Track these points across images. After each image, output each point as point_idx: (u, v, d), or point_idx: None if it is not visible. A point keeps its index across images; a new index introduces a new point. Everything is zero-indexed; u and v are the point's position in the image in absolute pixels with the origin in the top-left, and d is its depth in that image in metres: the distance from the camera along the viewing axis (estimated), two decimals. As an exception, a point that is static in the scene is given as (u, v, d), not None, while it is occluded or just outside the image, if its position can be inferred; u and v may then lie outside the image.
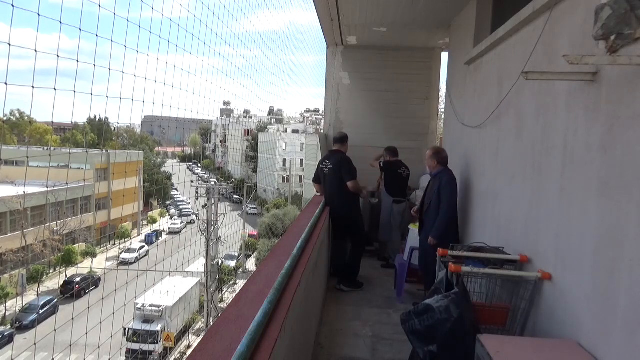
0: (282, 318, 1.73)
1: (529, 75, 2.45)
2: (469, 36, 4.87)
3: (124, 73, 5.77)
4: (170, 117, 51.37)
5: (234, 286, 25.88)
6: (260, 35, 22.02)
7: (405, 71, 7.23)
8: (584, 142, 2.27)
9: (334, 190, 5.13)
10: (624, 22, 1.80)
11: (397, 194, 5.96)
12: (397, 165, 6.04)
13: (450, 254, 3.16)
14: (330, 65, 7.47)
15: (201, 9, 6.88)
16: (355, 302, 4.71)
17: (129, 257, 30.37)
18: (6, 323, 21.92)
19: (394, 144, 6.39)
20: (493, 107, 3.77)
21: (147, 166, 43.84)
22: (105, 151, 38.23)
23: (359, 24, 6.17)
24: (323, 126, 8.42)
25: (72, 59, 4.69)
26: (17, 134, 51.21)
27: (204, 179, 37.94)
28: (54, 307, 22.58)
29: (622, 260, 1.88)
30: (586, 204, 2.21)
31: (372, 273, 5.73)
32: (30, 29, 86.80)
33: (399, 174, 5.99)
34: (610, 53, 1.89)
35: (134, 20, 5.26)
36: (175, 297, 20.35)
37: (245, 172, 58.67)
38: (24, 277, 24.88)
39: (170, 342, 19.52)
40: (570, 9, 2.54)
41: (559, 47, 2.60)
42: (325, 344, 3.68)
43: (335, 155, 5.21)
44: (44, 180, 22.52)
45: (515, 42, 3.45)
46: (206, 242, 18.19)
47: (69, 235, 29.81)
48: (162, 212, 45.90)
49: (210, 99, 21.51)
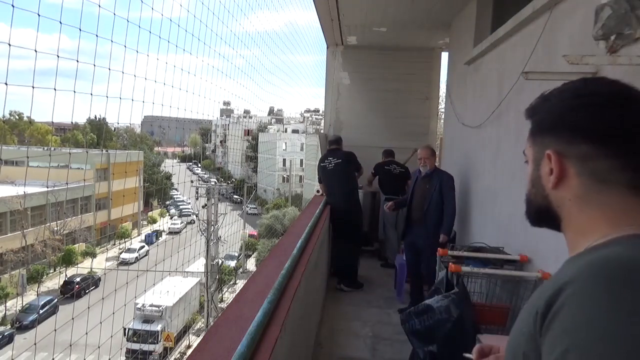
0: (282, 318, 1.73)
1: (529, 75, 2.45)
2: (469, 36, 4.87)
3: (124, 73, 5.78)
4: (170, 117, 51.43)
5: (234, 286, 25.88)
6: (260, 35, 22.01)
7: (405, 71, 7.23)
8: (584, 142, 2.27)
9: (338, 183, 5.18)
10: (624, 22, 1.80)
11: (388, 191, 5.98)
12: (386, 164, 6.10)
13: (451, 254, 3.16)
14: (330, 65, 7.47)
15: (201, 9, 6.88)
16: (355, 302, 4.71)
17: (129, 257, 30.34)
18: (6, 323, 21.91)
19: (394, 144, 6.41)
20: (493, 107, 3.77)
21: (147, 166, 43.85)
22: (105, 151, 38.22)
23: (359, 24, 6.17)
24: (323, 126, 8.42)
25: (72, 59, 4.70)
26: (17, 134, 51.21)
27: (204, 179, 37.93)
28: (54, 307, 22.55)
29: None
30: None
31: (372, 273, 5.72)
32: (31, 29, 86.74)
33: (388, 171, 6.05)
34: (610, 53, 1.89)
35: (134, 20, 5.26)
36: (175, 297, 20.33)
37: (245, 172, 58.66)
38: (24, 277, 24.88)
39: (170, 342, 19.52)
40: (570, 9, 2.54)
41: (559, 47, 2.60)
42: (325, 344, 3.68)
43: (338, 152, 5.31)
44: (44, 180, 22.49)
45: (515, 42, 3.45)
46: (206, 242, 18.19)
47: (69, 235, 29.80)
48: (162, 212, 45.89)
49: (210, 99, 21.52)
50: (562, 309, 0.59)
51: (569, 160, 0.74)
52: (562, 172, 0.75)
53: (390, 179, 6.04)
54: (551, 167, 0.76)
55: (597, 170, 0.71)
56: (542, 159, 0.78)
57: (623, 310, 0.55)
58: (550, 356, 0.58)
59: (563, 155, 0.74)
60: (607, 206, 0.71)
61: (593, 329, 0.55)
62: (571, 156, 0.73)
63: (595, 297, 0.57)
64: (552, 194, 0.77)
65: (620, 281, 0.58)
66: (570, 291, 0.60)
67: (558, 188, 0.76)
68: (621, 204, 0.70)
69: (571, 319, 0.58)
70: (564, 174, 0.75)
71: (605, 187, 0.71)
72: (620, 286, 0.57)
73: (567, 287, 0.60)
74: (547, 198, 0.78)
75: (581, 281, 0.60)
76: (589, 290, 0.59)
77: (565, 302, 0.59)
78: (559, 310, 0.60)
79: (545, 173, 0.77)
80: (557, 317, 0.59)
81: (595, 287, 0.58)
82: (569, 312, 0.58)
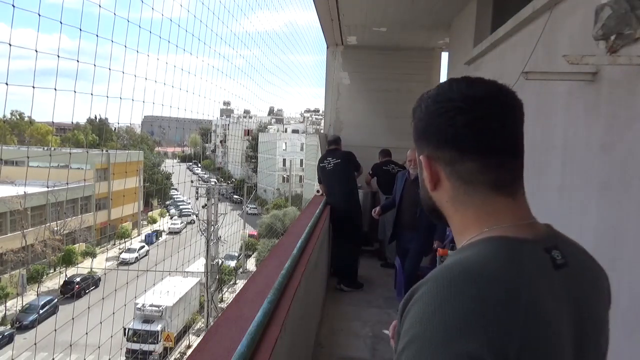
0: (282, 318, 1.73)
1: (529, 75, 2.45)
2: (469, 36, 4.87)
3: (124, 73, 5.78)
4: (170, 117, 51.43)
5: (234, 286, 25.88)
6: (260, 35, 22.00)
7: (405, 71, 7.23)
8: (584, 142, 2.27)
9: (338, 183, 5.18)
10: (624, 22, 1.80)
11: (388, 191, 5.98)
12: (384, 164, 6.11)
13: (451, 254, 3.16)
14: (330, 65, 7.47)
15: (201, 9, 6.89)
16: (355, 302, 4.70)
17: (129, 257, 30.33)
18: (6, 323, 21.92)
19: (394, 144, 6.40)
20: (493, 107, 3.77)
21: (147, 166, 43.83)
22: (105, 151, 38.22)
23: (359, 24, 6.17)
24: (323, 126, 8.42)
25: (72, 59, 4.70)
26: (17, 134, 51.21)
27: (204, 179, 37.92)
28: (54, 307, 22.56)
29: (622, 260, 1.88)
30: (586, 204, 2.21)
31: (372, 273, 5.72)
32: (31, 29, 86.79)
33: (387, 171, 6.06)
34: (610, 53, 1.89)
35: (134, 20, 5.27)
36: (175, 297, 20.34)
37: (245, 172, 58.66)
38: (24, 277, 24.87)
39: (170, 342, 19.52)
40: (570, 9, 2.54)
41: (559, 47, 2.60)
42: (325, 344, 3.68)
43: (337, 152, 5.32)
44: (44, 180, 22.49)
45: (515, 42, 3.45)
46: (206, 242, 18.19)
47: (69, 235, 29.80)
48: (162, 212, 45.88)
49: (210, 99, 21.52)
50: (414, 305, 0.65)
51: (439, 164, 0.77)
52: (434, 175, 0.78)
53: (389, 179, 6.03)
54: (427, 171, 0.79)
55: (462, 173, 0.74)
56: (422, 162, 0.80)
57: (447, 310, 0.60)
58: (400, 345, 0.63)
59: (433, 159, 0.77)
60: (474, 207, 0.75)
61: (426, 323, 0.61)
62: (440, 160, 0.76)
63: (434, 297, 0.63)
64: (434, 196, 0.81)
65: (456, 284, 0.63)
66: (423, 290, 0.65)
67: (437, 190, 0.79)
68: (486, 205, 0.74)
69: (415, 315, 0.63)
70: (437, 177, 0.78)
71: (471, 188, 0.74)
72: (453, 289, 0.62)
73: (422, 287, 0.66)
74: (432, 199, 0.82)
75: (431, 282, 0.65)
76: (433, 291, 0.64)
77: (417, 300, 0.65)
78: (412, 306, 0.65)
79: (425, 176, 0.80)
80: (409, 313, 0.65)
81: (437, 289, 0.64)
82: (416, 309, 0.64)
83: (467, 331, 0.58)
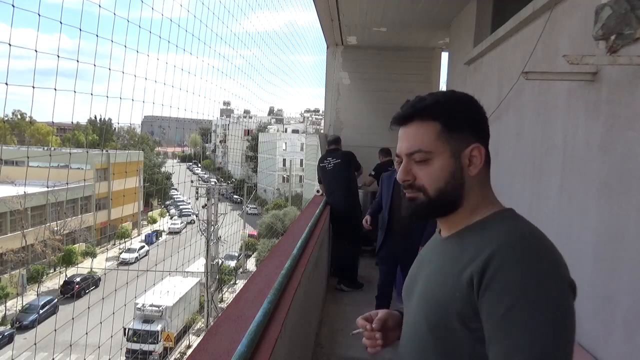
0: (282, 318, 1.73)
1: (529, 75, 2.45)
2: (469, 36, 4.87)
3: (124, 73, 5.78)
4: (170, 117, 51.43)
5: (234, 286, 25.88)
6: (260, 35, 21.99)
7: (405, 71, 7.22)
8: (584, 142, 2.27)
9: (338, 183, 5.18)
10: (624, 22, 1.80)
11: None
12: (387, 164, 6.09)
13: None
14: (330, 65, 7.47)
15: (201, 9, 6.89)
16: (355, 302, 4.71)
17: (129, 257, 30.34)
18: (6, 323, 21.92)
19: (394, 144, 6.37)
20: (493, 107, 3.77)
21: (147, 166, 43.83)
22: (105, 151, 38.22)
23: (359, 24, 6.16)
24: (323, 126, 8.42)
25: (72, 59, 4.71)
26: (17, 134, 51.21)
27: (204, 179, 37.91)
28: (54, 307, 22.57)
29: (622, 260, 1.88)
30: (586, 204, 2.21)
31: (372, 273, 5.72)
32: (31, 29, 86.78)
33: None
34: (610, 53, 1.89)
35: (134, 20, 5.27)
36: (175, 297, 20.34)
37: (245, 172, 58.66)
38: (24, 277, 24.88)
39: (170, 342, 19.52)
40: (570, 9, 2.54)
41: (559, 47, 2.60)
42: (325, 344, 3.68)
43: (337, 152, 5.34)
44: (44, 180, 22.49)
45: (515, 42, 3.45)
46: (206, 242, 18.19)
47: (69, 235, 29.80)
48: (162, 212, 45.88)
49: (210, 99, 21.52)
50: (496, 275, 0.80)
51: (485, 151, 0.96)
52: (484, 160, 0.95)
53: None
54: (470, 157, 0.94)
55: (487, 158, 0.96)
56: (462, 151, 0.94)
57: (541, 273, 0.79)
58: (494, 315, 0.78)
59: (484, 147, 0.96)
60: (489, 187, 0.99)
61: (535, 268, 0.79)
62: (483, 148, 0.96)
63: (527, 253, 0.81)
64: (469, 180, 0.95)
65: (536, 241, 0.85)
66: (498, 262, 0.80)
67: (478, 175, 0.96)
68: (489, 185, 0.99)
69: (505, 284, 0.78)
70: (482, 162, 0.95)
71: (488, 170, 0.98)
72: (538, 243, 0.85)
73: (494, 258, 0.81)
74: (463, 185, 0.95)
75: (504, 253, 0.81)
76: (525, 250, 0.82)
77: (498, 270, 0.80)
78: (493, 276, 0.80)
79: (465, 164, 0.94)
80: (493, 282, 0.79)
81: (524, 250, 0.82)
82: (504, 277, 0.79)
83: (562, 265, 0.83)
